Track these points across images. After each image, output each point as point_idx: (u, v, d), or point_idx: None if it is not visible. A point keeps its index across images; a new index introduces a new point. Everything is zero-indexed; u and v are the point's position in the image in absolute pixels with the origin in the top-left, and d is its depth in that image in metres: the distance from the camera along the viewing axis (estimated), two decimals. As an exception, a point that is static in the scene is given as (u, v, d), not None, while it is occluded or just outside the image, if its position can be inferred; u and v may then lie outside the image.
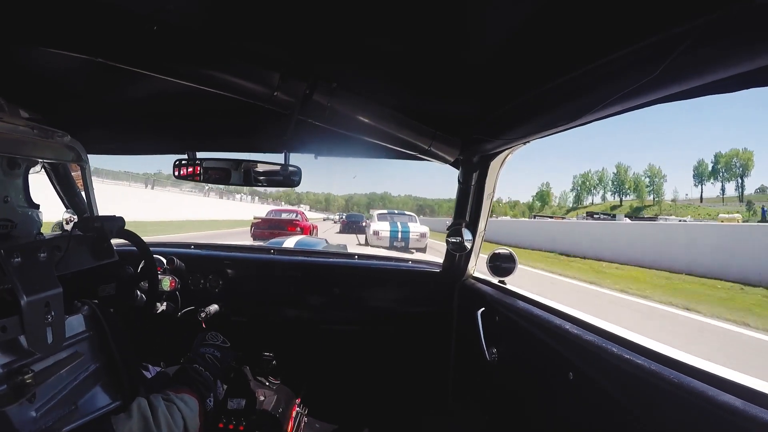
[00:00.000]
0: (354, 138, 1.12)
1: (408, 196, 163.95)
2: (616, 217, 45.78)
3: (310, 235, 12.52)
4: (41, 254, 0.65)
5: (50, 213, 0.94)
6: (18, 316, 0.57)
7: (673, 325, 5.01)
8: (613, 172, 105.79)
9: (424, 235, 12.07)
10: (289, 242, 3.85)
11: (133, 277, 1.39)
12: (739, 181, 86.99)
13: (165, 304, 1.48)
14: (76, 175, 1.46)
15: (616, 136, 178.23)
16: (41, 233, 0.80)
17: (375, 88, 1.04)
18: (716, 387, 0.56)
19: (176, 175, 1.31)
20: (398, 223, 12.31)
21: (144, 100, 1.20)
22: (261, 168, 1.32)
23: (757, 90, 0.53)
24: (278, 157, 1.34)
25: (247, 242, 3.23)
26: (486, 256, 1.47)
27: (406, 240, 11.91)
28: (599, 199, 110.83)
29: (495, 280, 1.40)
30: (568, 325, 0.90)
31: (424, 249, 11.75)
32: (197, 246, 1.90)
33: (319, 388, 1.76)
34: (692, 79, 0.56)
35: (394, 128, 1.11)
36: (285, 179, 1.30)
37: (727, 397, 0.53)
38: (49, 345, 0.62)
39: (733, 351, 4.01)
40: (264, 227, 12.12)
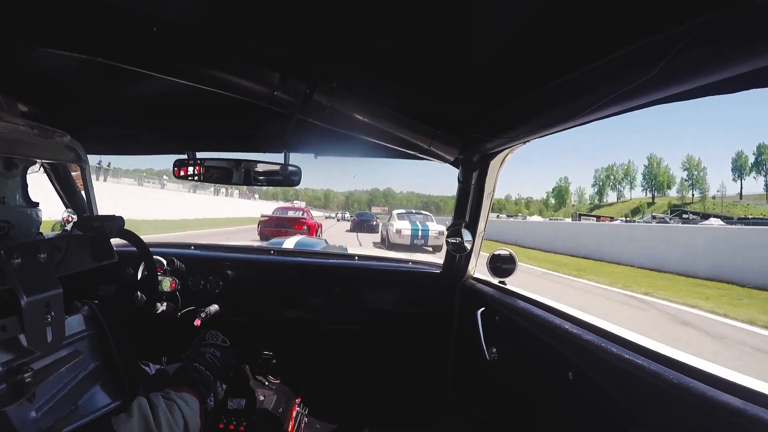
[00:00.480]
0: (354, 137, 1.12)
1: (411, 193, 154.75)
2: (704, 218, 35.79)
3: (316, 234, 12.94)
4: (41, 255, 0.65)
5: (49, 211, 0.93)
6: (18, 316, 0.57)
7: None
8: (644, 164, 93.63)
9: (441, 233, 12.49)
10: (289, 243, 3.86)
11: (134, 279, 1.38)
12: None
13: (165, 304, 1.48)
14: (75, 175, 1.46)
15: (623, 133, 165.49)
16: (41, 233, 0.80)
17: (375, 87, 1.04)
18: (716, 387, 0.56)
19: (177, 175, 1.31)
20: (418, 222, 12.93)
21: (144, 100, 1.20)
22: (261, 168, 1.32)
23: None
24: (278, 157, 1.34)
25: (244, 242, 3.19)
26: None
27: (426, 237, 12.42)
28: (627, 195, 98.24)
29: (495, 281, 1.40)
30: (567, 325, 0.90)
31: (441, 247, 12.03)
32: (197, 247, 1.89)
33: (320, 388, 1.76)
34: (691, 79, 0.56)
35: (393, 128, 1.11)
36: (285, 179, 1.30)
37: (727, 397, 0.53)
38: (49, 344, 0.61)
39: None
40: (271, 225, 12.41)
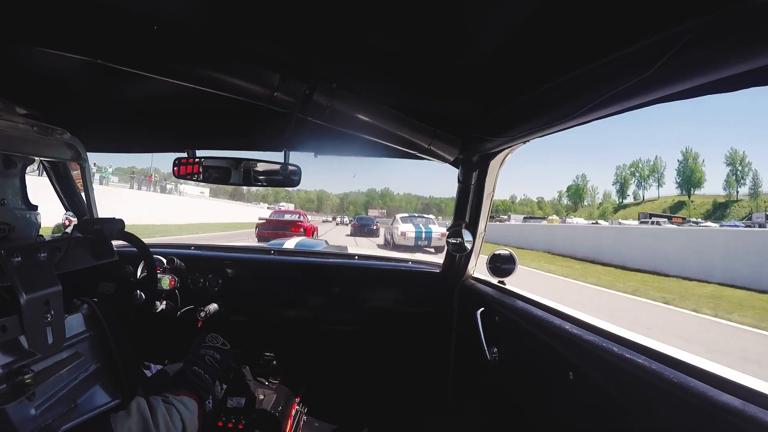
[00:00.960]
0: (354, 137, 1.12)
1: (410, 195, 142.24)
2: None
3: (312, 236, 13.22)
4: (41, 254, 0.65)
5: (48, 215, 0.92)
6: (17, 315, 0.57)
7: None
8: (679, 159, 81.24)
9: (443, 235, 12.61)
10: (290, 243, 3.87)
11: (133, 277, 1.38)
12: None
13: (164, 303, 1.47)
14: (75, 174, 1.46)
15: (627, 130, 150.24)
16: (41, 235, 0.79)
17: (375, 87, 1.04)
18: (716, 387, 0.56)
19: (176, 174, 1.31)
20: (421, 225, 13.80)
21: (144, 98, 1.20)
22: (261, 167, 1.31)
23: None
24: (277, 156, 1.33)
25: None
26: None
27: (429, 239, 13.18)
28: (652, 194, 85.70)
29: (495, 281, 1.40)
30: (568, 325, 0.90)
31: (443, 248, 12.15)
32: (197, 247, 1.90)
33: (319, 388, 1.75)
34: (691, 79, 0.56)
35: (393, 127, 1.11)
36: (285, 179, 1.30)
37: (727, 397, 0.53)
38: (50, 345, 0.61)
39: None
40: (268, 228, 13.05)
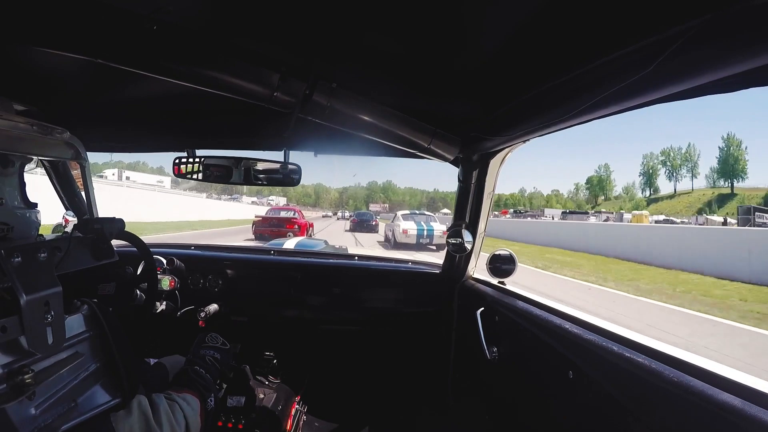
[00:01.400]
0: (354, 136, 1.12)
1: (415, 189, 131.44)
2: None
3: (307, 233, 13.82)
4: (41, 254, 0.64)
5: (47, 214, 0.92)
6: (17, 316, 0.57)
7: None
8: (720, 146, 69.48)
9: (445, 233, 12.67)
10: (289, 243, 3.88)
11: (133, 277, 1.38)
12: None
13: (164, 303, 1.47)
14: (75, 174, 1.46)
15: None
16: (41, 234, 0.79)
17: (375, 87, 1.04)
18: (716, 386, 0.56)
19: (176, 173, 1.31)
20: (422, 222, 13.65)
21: (144, 97, 1.20)
22: (261, 166, 1.32)
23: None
24: (277, 155, 1.34)
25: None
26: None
27: (431, 236, 13.07)
28: (685, 186, 75.30)
29: (495, 281, 1.40)
30: (567, 325, 0.90)
31: (444, 246, 12.37)
32: (197, 247, 1.90)
33: (319, 387, 1.75)
34: (690, 78, 0.56)
35: (393, 127, 1.11)
36: (285, 178, 1.30)
37: (727, 396, 0.53)
38: (50, 345, 0.61)
39: None
40: (265, 225, 13.52)
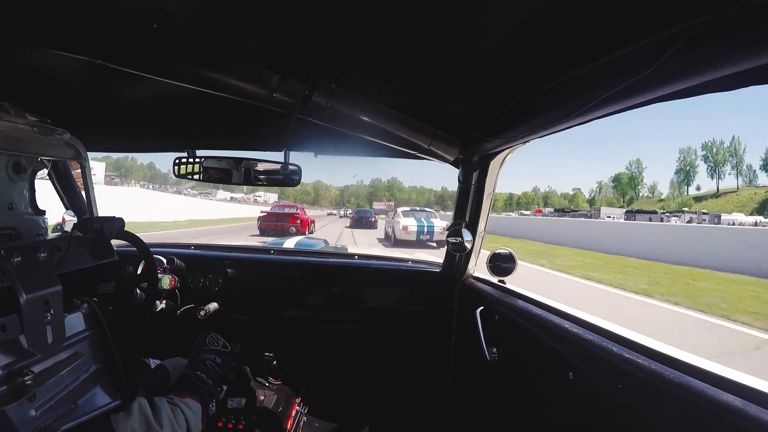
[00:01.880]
0: (354, 137, 1.12)
1: (422, 187, 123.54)
2: None
3: (308, 229, 15.02)
4: (41, 254, 0.64)
5: (48, 215, 0.92)
6: (17, 315, 0.57)
7: None
8: None
9: (445, 229, 12.69)
10: (289, 243, 3.87)
11: (133, 276, 1.38)
12: None
13: (164, 302, 1.48)
14: (75, 174, 1.46)
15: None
16: (40, 234, 0.79)
17: (375, 87, 1.03)
18: (716, 386, 0.56)
19: (176, 174, 1.31)
20: (423, 219, 13.49)
21: (144, 98, 1.20)
22: (261, 167, 1.32)
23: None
24: (277, 155, 1.34)
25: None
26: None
27: (431, 233, 12.96)
28: (729, 184, 67.59)
29: (495, 280, 1.40)
30: (567, 324, 0.90)
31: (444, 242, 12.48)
32: (197, 246, 1.90)
33: (319, 387, 1.76)
34: (692, 77, 0.56)
35: (393, 127, 1.11)
36: (285, 178, 1.30)
37: (727, 396, 0.53)
38: (50, 345, 0.61)
39: None
40: (269, 220, 15.21)
